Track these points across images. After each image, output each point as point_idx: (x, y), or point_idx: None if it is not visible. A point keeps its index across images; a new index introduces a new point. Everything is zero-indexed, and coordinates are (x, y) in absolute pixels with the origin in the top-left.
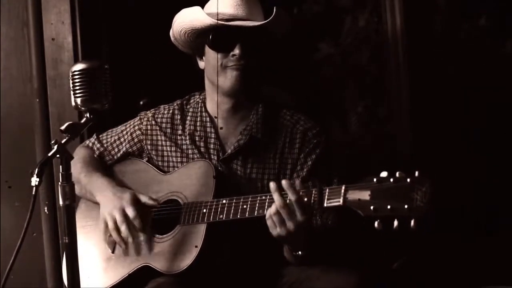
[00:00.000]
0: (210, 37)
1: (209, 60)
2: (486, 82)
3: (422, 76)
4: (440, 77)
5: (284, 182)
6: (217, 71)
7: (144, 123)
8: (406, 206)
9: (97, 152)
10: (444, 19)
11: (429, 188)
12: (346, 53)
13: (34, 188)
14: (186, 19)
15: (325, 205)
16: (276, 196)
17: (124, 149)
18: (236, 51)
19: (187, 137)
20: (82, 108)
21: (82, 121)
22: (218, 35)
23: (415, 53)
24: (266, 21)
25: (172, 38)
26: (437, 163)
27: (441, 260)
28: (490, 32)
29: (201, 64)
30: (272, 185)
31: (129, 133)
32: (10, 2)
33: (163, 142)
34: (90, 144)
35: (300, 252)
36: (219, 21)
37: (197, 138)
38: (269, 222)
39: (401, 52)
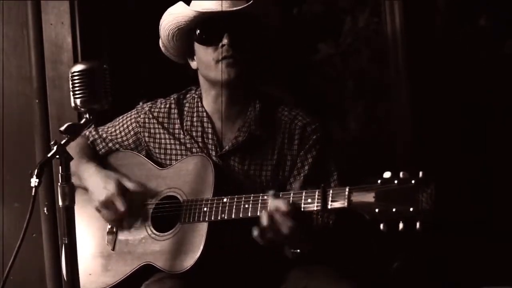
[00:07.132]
0: (197, 32)
1: (200, 58)
2: (486, 82)
3: (422, 76)
4: (440, 78)
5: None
6: (211, 66)
7: (142, 116)
8: (411, 209)
9: (90, 139)
10: (444, 19)
11: (434, 189)
12: (346, 53)
13: (33, 188)
14: (170, 18)
15: (328, 207)
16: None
17: (119, 139)
18: (225, 40)
19: (185, 132)
20: (82, 108)
21: (82, 121)
22: (204, 28)
23: (415, 53)
24: (247, 4)
25: (163, 49)
26: (437, 163)
27: (440, 260)
28: (490, 32)
29: (193, 64)
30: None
31: (125, 125)
32: (9, 3)
33: (161, 135)
34: (87, 133)
35: (298, 251)
36: (200, 11)
37: (194, 134)
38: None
39: (401, 53)
